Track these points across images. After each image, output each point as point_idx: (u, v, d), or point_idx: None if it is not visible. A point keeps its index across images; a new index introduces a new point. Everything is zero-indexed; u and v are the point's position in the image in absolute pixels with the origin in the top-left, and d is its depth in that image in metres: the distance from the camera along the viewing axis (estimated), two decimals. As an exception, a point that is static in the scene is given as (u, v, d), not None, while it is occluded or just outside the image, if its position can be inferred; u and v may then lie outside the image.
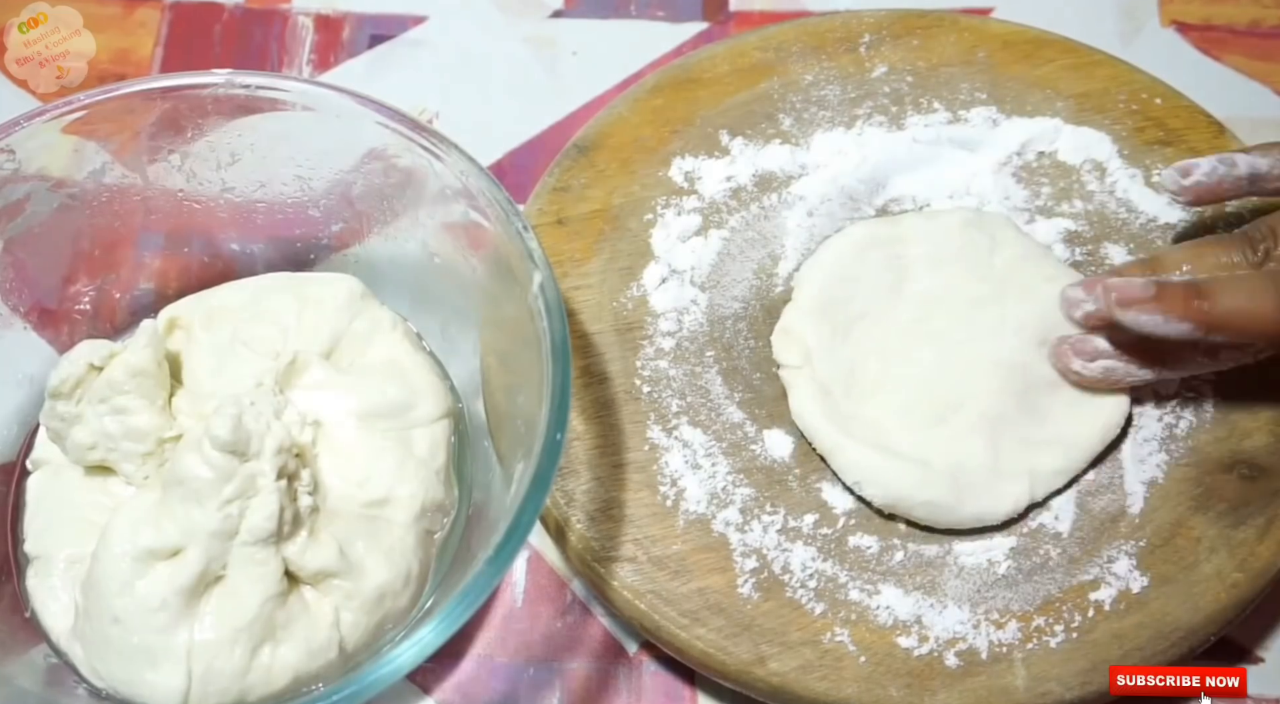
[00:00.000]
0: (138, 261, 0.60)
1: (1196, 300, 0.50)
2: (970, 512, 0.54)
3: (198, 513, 0.47)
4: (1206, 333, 0.51)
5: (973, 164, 0.64)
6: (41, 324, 0.57)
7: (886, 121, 0.64)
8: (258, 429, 0.47)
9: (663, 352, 0.59)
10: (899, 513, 0.55)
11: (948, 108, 0.65)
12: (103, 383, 0.50)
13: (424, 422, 0.53)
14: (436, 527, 0.53)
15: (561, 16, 0.74)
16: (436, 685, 0.55)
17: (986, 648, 0.52)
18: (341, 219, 0.59)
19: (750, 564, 0.54)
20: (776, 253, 0.62)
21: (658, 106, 0.64)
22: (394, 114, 0.53)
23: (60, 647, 0.50)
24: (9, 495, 0.54)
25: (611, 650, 0.56)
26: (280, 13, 0.73)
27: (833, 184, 0.63)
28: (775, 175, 0.63)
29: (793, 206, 0.63)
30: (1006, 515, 0.54)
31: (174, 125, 0.55)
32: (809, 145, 0.64)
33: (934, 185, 0.64)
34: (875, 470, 0.54)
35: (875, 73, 0.66)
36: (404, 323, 0.57)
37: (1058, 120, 0.64)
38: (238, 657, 0.47)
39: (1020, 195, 0.63)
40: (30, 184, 0.53)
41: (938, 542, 0.55)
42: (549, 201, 0.62)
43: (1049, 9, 0.71)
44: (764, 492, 0.56)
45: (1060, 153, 0.64)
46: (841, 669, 0.52)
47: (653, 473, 0.56)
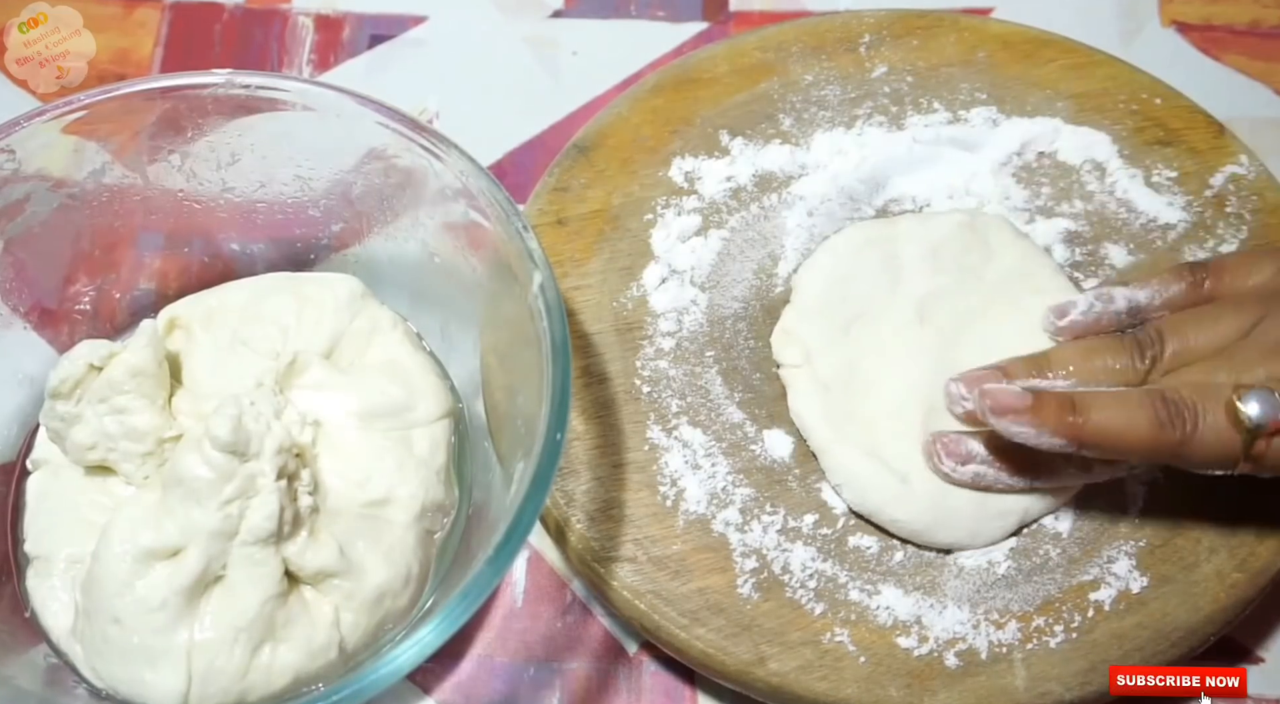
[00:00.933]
0: (138, 261, 0.60)
1: (1071, 415, 0.49)
2: (947, 537, 0.54)
3: (198, 513, 0.47)
4: (1078, 448, 0.50)
5: (973, 164, 0.64)
6: (41, 324, 0.57)
7: (886, 122, 0.64)
8: (258, 429, 0.47)
9: (663, 352, 0.59)
10: (876, 523, 0.55)
11: (948, 108, 0.65)
12: (102, 383, 0.50)
13: (424, 421, 0.53)
14: (436, 527, 0.53)
15: (561, 16, 0.74)
16: (436, 685, 0.55)
17: (986, 648, 0.52)
18: (341, 219, 0.59)
19: (750, 564, 0.54)
20: (776, 253, 0.62)
21: (658, 106, 0.64)
22: (394, 114, 0.52)
23: (60, 647, 0.50)
24: (9, 495, 0.54)
25: (611, 650, 0.56)
26: (280, 13, 0.73)
27: (832, 184, 0.63)
28: (775, 175, 0.63)
29: (793, 207, 0.63)
30: (987, 542, 0.54)
31: (174, 125, 0.55)
32: (809, 145, 0.64)
33: (934, 185, 0.64)
34: (856, 477, 0.54)
35: (875, 73, 0.66)
36: (404, 323, 0.57)
37: (1058, 120, 0.64)
38: (238, 657, 0.47)
39: (1020, 195, 0.63)
40: (30, 184, 0.53)
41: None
42: (549, 201, 0.62)
43: (1049, 9, 0.71)
44: (764, 492, 0.56)
45: (1060, 153, 0.64)
46: (841, 669, 0.52)
47: (653, 473, 0.56)
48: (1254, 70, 0.72)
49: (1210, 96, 0.65)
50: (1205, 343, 0.52)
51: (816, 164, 0.63)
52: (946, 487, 0.54)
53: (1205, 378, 0.50)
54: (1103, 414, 0.49)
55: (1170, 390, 0.50)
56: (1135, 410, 0.49)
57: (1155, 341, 0.53)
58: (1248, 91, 0.72)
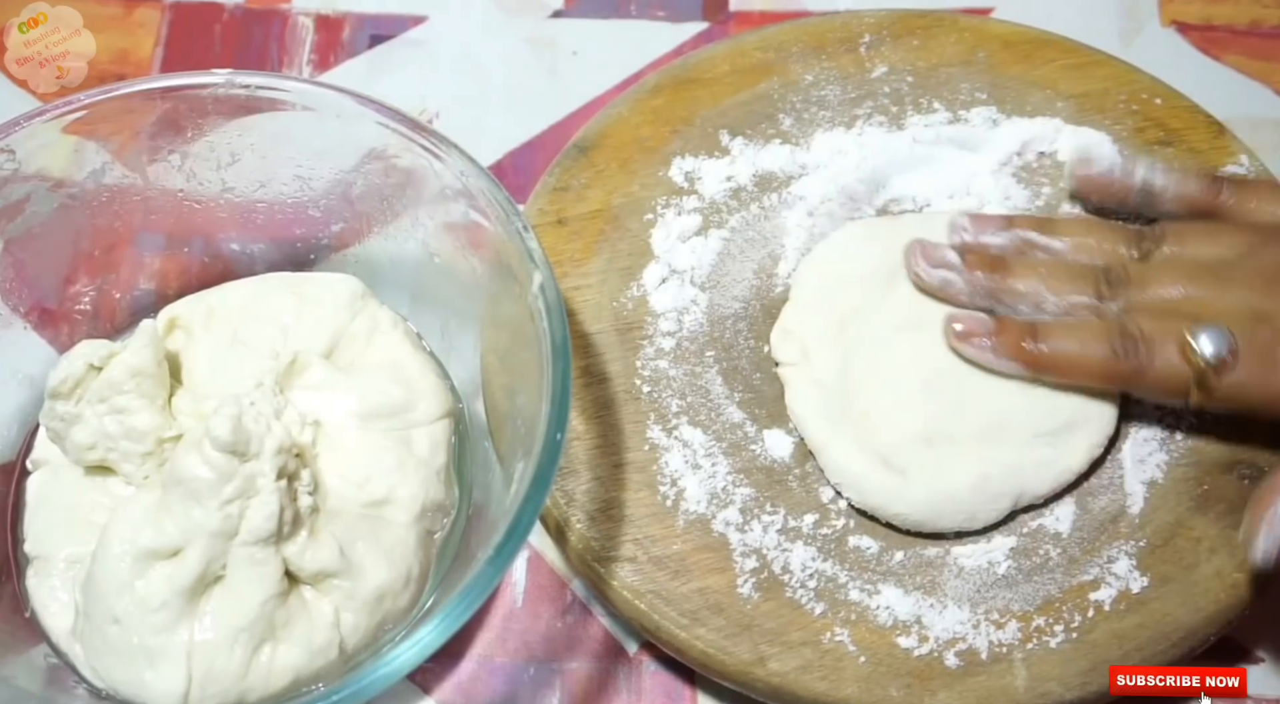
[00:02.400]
0: (138, 261, 0.60)
1: (1028, 341, 0.53)
2: (948, 525, 0.54)
3: (198, 513, 0.47)
4: (1036, 372, 0.54)
5: (973, 164, 0.64)
6: (41, 324, 0.57)
7: (886, 122, 0.64)
8: (257, 429, 0.47)
9: (663, 351, 0.59)
10: (878, 517, 0.55)
11: (948, 108, 0.65)
12: (102, 383, 0.50)
13: (424, 421, 0.53)
14: (437, 527, 0.53)
15: (561, 16, 0.74)
16: (436, 685, 0.55)
17: (986, 648, 0.52)
18: (341, 219, 0.59)
19: (750, 564, 0.54)
20: (776, 253, 0.62)
21: (658, 106, 0.64)
22: (394, 114, 0.53)
23: (60, 647, 0.50)
24: (9, 495, 0.54)
25: (611, 650, 0.56)
26: (280, 13, 0.73)
27: (833, 184, 0.63)
28: (775, 175, 0.63)
29: (793, 206, 0.63)
30: (984, 524, 0.55)
31: (174, 125, 0.55)
32: (809, 145, 0.64)
33: (934, 185, 0.63)
34: (855, 475, 0.54)
35: (875, 73, 0.66)
36: (404, 323, 0.57)
37: (1058, 120, 0.64)
38: (238, 657, 0.47)
39: (1021, 195, 0.63)
40: (30, 184, 0.53)
41: (937, 542, 0.55)
42: (549, 201, 0.62)
43: (1049, 9, 0.71)
44: (764, 492, 0.56)
45: (1061, 153, 0.64)
46: (841, 669, 0.52)
47: (653, 473, 0.56)
48: (1254, 70, 0.72)
49: (1210, 96, 0.65)
50: (1201, 254, 0.55)
51: (817, 164, 0.63)
52: (943, 476, 0.54)
53: (1175, 304, 0.53)
54: (1060, 341, 0.53)
55: (1130, 322, 0.53)
56: (1091, 342, 0.53)
57: (1155, 239, 0.55)
58: (1248, 91, 0.72)
